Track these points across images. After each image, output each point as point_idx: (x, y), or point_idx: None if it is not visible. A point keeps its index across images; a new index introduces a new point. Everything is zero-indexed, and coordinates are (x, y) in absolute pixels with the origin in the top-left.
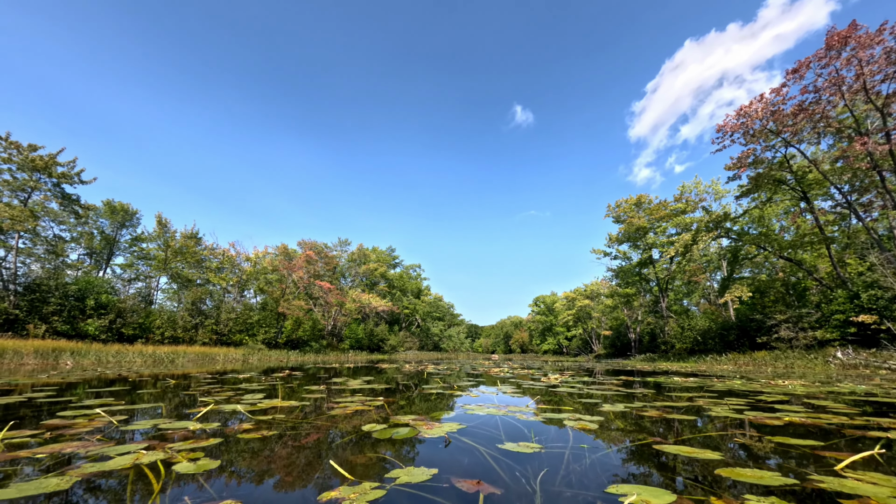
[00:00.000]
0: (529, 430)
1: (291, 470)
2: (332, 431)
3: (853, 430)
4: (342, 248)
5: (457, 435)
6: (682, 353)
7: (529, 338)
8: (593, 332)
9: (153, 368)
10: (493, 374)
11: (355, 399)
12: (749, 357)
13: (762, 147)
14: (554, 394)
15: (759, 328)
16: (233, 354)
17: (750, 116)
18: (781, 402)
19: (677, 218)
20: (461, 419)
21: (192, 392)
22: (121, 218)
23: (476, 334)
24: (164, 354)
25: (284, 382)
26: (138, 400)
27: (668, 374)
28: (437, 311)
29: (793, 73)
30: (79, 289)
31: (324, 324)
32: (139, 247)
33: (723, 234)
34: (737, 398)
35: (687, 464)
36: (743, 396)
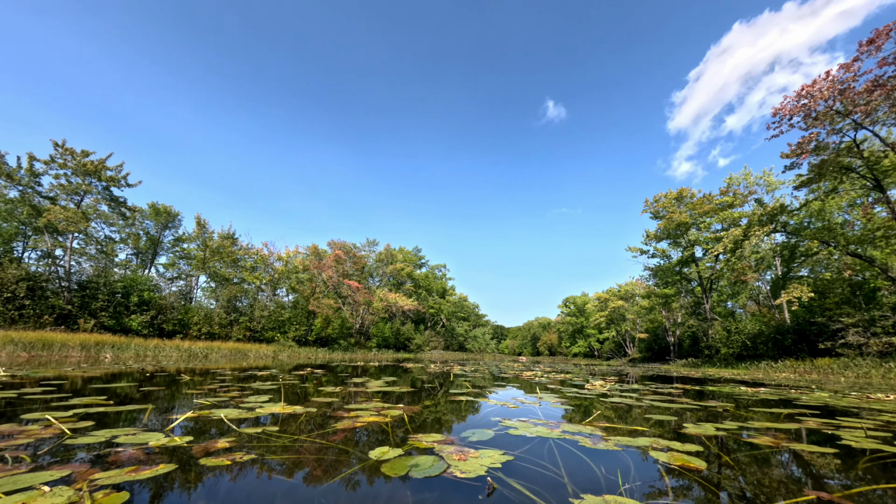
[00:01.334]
0: (606, 468)
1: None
2: (327, 457)
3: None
4: (370, 248)
5: (502, 474)
6: (728, 359)
7: (558, 340)
8: (627, 335)
9: (187, 363)
10: (526, 378)
11: (370, 406)
12: (810, 364)
13: (827, 131)
14: (609, 406)
15: (820, 332)
16: (264, 351)
17: (813, 97)
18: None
19: (724, 212)
20: (503, 443)
21: (201, 389)
22: (164, 219)
23: (502, 335)
24: (199, 349)
25: (301, 382)
26: (131, 399)
27: (728, 382)
28: (462, 311)
29: (868, 45)
30: (124, 286)
31: (352, 322)
32: (181, 247)
33: (778, 228)
34: (849, 418)
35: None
36: (851, 415)
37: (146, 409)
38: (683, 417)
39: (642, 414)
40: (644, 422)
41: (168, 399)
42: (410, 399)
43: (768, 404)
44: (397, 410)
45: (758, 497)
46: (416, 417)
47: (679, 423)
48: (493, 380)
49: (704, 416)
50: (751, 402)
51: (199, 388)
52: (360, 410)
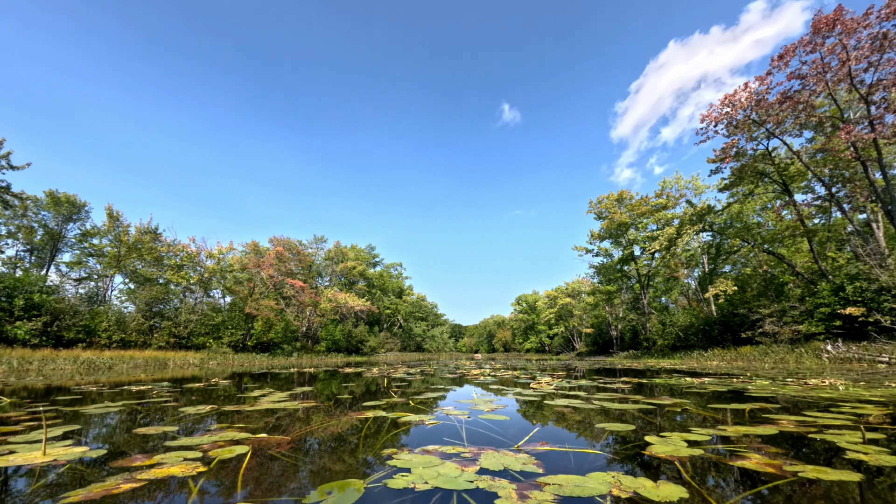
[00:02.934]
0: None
1: None
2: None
3: None
4: (318, 245)
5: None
6: (664, 350)
7: (512, 337)
8: (575, 330)
9: (81, 376)
10: (472, 378)
11: (212, 438)
12: (734, 352)
13: (745, 138)
14: (554, 413)
15: (742, 323)
16: (190, 359)
17: (734, 105)
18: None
19: (658, 213)
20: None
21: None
22: (66, 210)
23: (460, 334)
24: (103, 360)
25: (173, 399)
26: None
27: (668, 373)
28: (419, 311)
29: (778, 60)
30: (4, 287)
31: (297, 325)
32: (89, 242)
33: (706, 227)
34: (816, 413)
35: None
36: (814, 407)
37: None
38: (641, 425)
39: (593, 422)
40: (595, 436)
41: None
42: (291, 423)
43: (722, 398)
44: (242, 448)
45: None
46: (261, 463)
47: (638, 436)
48: (434, 384)
49: (664, 422)
50: (705, 397)
51: (21, 413)
52: (180, 450)
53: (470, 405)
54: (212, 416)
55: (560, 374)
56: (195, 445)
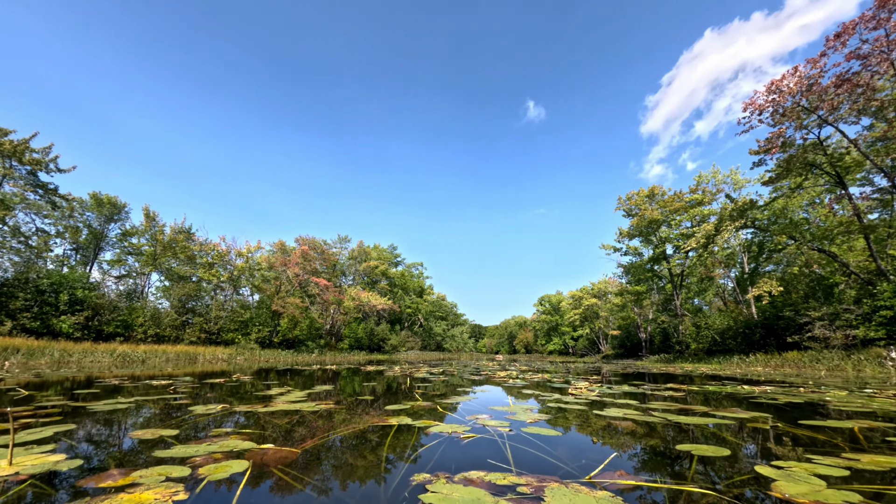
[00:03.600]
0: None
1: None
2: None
3: None
4: (342, 245)
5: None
6: (698, 354)
7: (534, 338)
8: (601, 332)
9: (117, 369)
10: (500, 381)
11: (208, 449)
12: (780, 358)
13: (794, 127)
14: (610, 427)
15: (787, 326)
16: (220, 354)
17: (781, 92)
18: None
19: (694, 210)
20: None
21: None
22: (108, 211)
23: (480, 335)
24: (138, 354)
25: (192, 394)
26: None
27: (717, 380)
28: (439, 311)
29: (835, 39)
30: (51, 283)
31: (321, 323)
32: (129, 242)
33: (748, 223)
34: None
35: None
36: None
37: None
38: (734, 448)
39: (669, 441)
40: (684, 463)
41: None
42: (303, 429)
43: (804, 412)
44: (241, 464)
45: None
46: (258, 488)
47: (743, 465)
48: (459, 385)
49: (761, 444)
50: (781, 410)
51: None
52: (168, 464)
53: (507, 413)
54: (220, 418)
55: (595, 379)
56: (188, 458)
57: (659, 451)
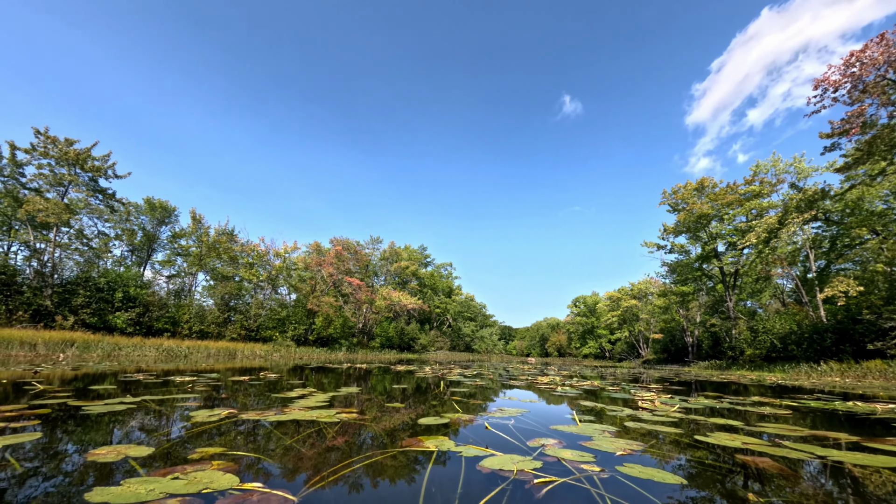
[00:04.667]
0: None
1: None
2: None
3: None
4: (374, 246)
5: None
6: (755, 360)
7: (568, 341)
8: (640, 336)
9: (163, 363)
10: (543, 387)
11: (193, 476)
12: (859, 367)
13: (879, 103)
14: (735, 459)
15: (867, 332)
16: (258, 350)
17: (863, 64)
18: None
19: (750, 202)
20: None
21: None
22: (160, 214)
23: (510, 336)
24: (182, 349)
25: (208, 395)
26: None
27: (805, 393)
28: (468, 311)
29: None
30: (108, 282)
31: (354, 321)
32: (178, 243)
33: (819, 215)
34: None
35: None
36: None
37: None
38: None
39: (851, 495)
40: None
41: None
42: (308, 453)
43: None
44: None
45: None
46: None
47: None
48: (499, 391)
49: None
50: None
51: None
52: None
53: (579, 437)
54: (218, 430)
55: (656, 388)
56: (162, 491)
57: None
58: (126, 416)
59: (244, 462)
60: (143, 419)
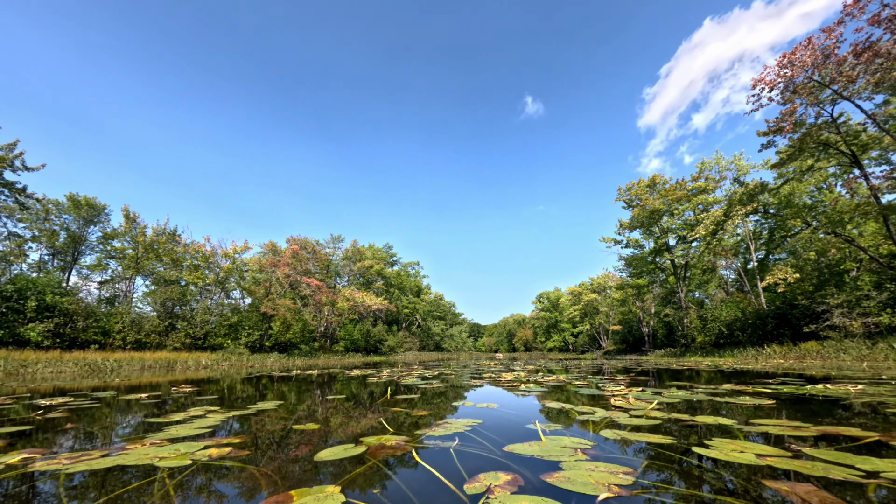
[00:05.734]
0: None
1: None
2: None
3: None
4: (335, 244)
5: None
6: (705, 347)
7: (534, 335)
8: (601, 328)
9: (80, 380)
10: (506, 384)
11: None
12: (799, 349)
13: (807, 103)
14: (773, 491)
15: (802, 316)
16: (203, 360)
17: (794, 65)
18: None
19: (697, 198)
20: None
21: None
22: (86, 213)
23: (479, 333)
24: (109, 362)
25: (47, 426)
26: None
27: (767, 377)
28: (438, 311)
29: (855, 3)
30: (17, 289)
31: (315, 325)
32: (111, 245)
33: (759, 207)
34: None
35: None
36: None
37: None
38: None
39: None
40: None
41: None
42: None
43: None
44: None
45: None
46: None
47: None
48: (456, 395)
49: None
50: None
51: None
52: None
53: (541, 466)
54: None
55: (624, 380)
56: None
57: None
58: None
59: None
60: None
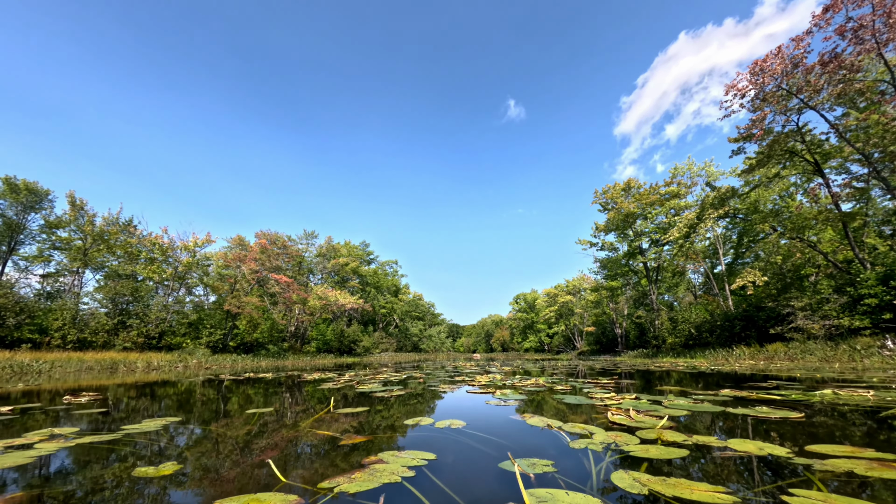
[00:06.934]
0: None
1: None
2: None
3: None
4: (308, 241)
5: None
6: (675, 348)
7: (510, 336)
8: (576, 329)
9: (8, 384)
10: (479, 389)
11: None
12: (767, 350)
13: (776, 111)
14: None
15: (768, 318)
16: (155, 361)
17: (764, 73)
18: None
19: (670, 202)
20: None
21: None
22: (25, 198)
23: (457, 334)
24: (41, 364)
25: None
26: None
27: (764, 380)
28: (416, 311)
29: (822, 14)
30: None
31: (284, 324)
32: (56, 235)
33: (729, 212)
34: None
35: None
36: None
37: None
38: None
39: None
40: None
41: None
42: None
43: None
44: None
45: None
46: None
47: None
48: (417, 407)
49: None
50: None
51: None
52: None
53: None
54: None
55: (607, 383)
56: None
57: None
58: None
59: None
60: None
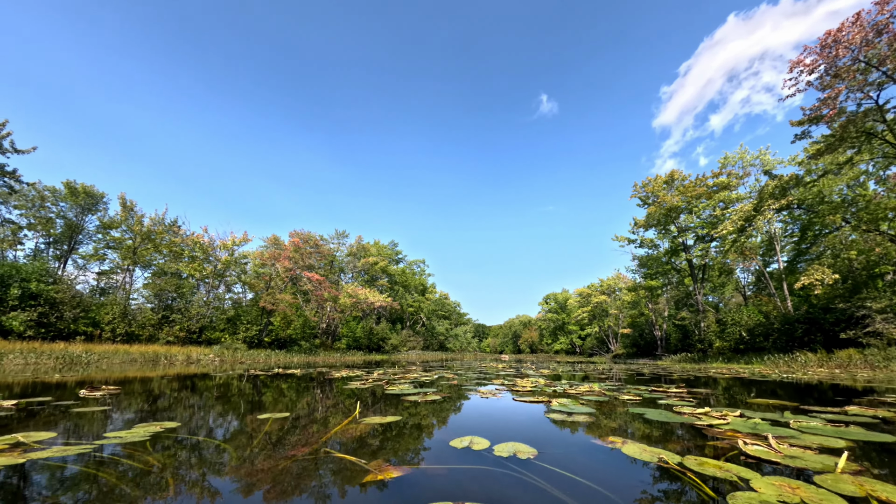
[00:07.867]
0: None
1: None
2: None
3: None
4: (339, 240)
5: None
6: (724, 353)
7: (539, 337)
8: (610, 331)
9: (53, 374)
10: (524, 394)
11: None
12: (838, 357)
13: (852, 88)
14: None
15: (838, 321)
16: (194, 355)
17: (839, 44)
18: None
19: (718, 195)
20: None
21: None
22: (83, 201)
23: (483, 334)
24: (91, 355)
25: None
26: None
27: (849, 394)
28: (442, 310)
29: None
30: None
31: (316, 321)
32: (110, 235)
33: (795, 202)
34: None
35: None
36: None
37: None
38: None
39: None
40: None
41: None
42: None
43: None
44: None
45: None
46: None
47: None
48: (448, 415)
49: None
50: None
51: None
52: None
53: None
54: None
55: (677, 393)
56: None
57: None
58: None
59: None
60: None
